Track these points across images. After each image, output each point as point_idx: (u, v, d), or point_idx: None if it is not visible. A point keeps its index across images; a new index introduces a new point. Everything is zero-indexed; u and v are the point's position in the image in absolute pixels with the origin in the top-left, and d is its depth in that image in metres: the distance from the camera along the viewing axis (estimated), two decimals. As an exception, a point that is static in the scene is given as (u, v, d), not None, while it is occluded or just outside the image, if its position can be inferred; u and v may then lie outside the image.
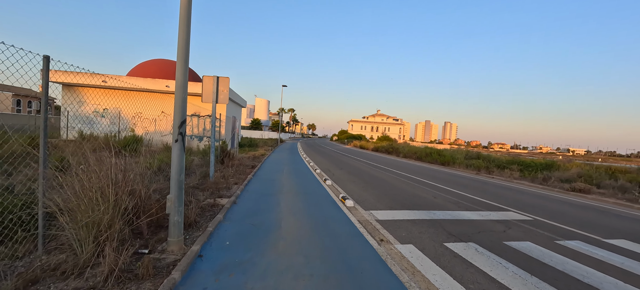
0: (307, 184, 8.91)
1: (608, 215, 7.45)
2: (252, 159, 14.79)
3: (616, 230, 5.94)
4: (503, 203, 7.94)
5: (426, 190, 9.05)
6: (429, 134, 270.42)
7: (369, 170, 13.98)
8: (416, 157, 24.26)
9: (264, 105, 74.30)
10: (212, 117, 6.71)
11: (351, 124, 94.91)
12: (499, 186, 11.58)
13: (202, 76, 6.79)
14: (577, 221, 6.49)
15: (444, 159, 20.33)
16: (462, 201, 7.77)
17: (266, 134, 53.57)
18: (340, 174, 11.54)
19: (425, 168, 17.34)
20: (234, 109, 21.54)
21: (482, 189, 10.28)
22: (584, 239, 5.19)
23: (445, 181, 11.69)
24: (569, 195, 10.63)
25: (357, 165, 15.81)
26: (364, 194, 7.87)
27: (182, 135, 3.43)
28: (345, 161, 18.20)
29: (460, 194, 8.94)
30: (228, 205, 5.47)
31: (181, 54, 3.38)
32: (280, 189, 7.81)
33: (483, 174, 15.91)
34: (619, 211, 8.23)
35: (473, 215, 6.34)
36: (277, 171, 11.31)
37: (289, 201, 6.43)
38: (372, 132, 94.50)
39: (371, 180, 10.42)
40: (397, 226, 5.13)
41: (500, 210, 7.05)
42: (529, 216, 6.61)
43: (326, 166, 14.25)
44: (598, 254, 4.45)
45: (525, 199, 9.03)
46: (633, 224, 6.66)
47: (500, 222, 5.89)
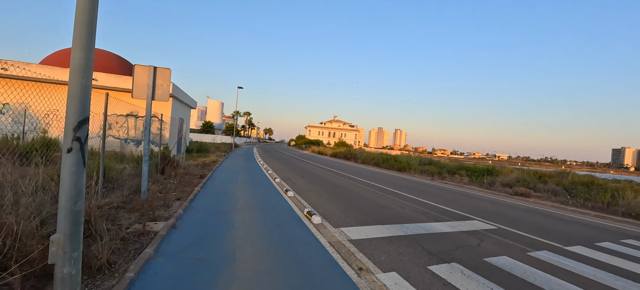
0: (266, 196, 7.87)
1: (554, 220, 7.98)
2: (202, 166, 13.07)
3: (570, 236, 6.22)
4: (465, 211, 7.99)
5: (392, 200, 8.75)
6: (381, 140, 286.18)
7: (331, 178, 13.42)
8: (374, 163, 24.70)
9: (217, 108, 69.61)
10: (146, 116, 5.32)
11: (309, 129, 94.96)
12: (455, 192, 12.01)
13: (134, 65, 5.37)
14: (534, 228, 6.71)
15: (401, 165, 20.96)
16: (428, 211, 7.58)
17: (219, 138, 50.00)
18: (302, 183, 10.70)
19: (384, 175, 17.50)
20: (182, 109, 19.22)
21: (442, 196, 10.45)
22: (550, 248, 5.23)
23: (407, 188, 11.70)
24: (513, 199, 11.46)
25: (318, 173, 15.15)
26: (331, 206, 7.17)
27: (81, 141, 2.25)
28: (305, 168, 17.42)
29: (424, 202, 8.84)
30: (164, 231, 4.21)
31: (82, 15, 2.21)
32: (234, 204, 6.65)
33: (437, 179, 16.63)
34: (559, 214, 8.96)
35: (444, 226, 6.08)
36: (230, 181, 9.98)
37: (245, 220, 5.37)
38: (329, 137, 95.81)
39: (335, 190, 9.80)
40: (374, 247, 4.50)
41: (466, 219, 6.99)
42: (493, 224, 6.64)
43: (286, 174, 13.28)
44: (569, 266, 4.41)
45: (482, 205, 9.34)
46: (579, 228, 7.16)
47: (471, 234, 5.71)
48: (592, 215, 9.19)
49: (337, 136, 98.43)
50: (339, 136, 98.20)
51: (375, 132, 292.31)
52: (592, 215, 9.18)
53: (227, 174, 11.95)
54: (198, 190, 7.66)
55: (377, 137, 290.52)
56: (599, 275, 4.12)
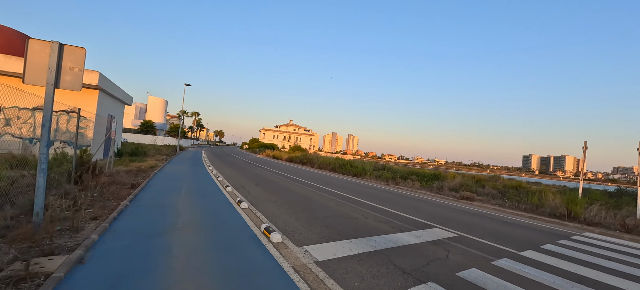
0: (216, 209, 6.77)
1: (500, 223, 8.53)
2: (135, 173, 11.08)
3: (519, 240, 6.57)
4: (425, 217, 8.03)
5: (354, 208, 8.40)
6: (335, 145, 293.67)
7: (288, 184, 12.64)
8: (330, 168, 24.59)
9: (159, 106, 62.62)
10: (45, 110, 3.91)
11: (263, 133, 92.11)
12: (410, 198, 12.31)
13: (28, 39, 3.94)
14: (487, 233, 6.96)
15: (357, 170, 21.18)
16: (391, 219, 7.38)
17: (162, 140, 44.83)
18: (257, 192, 9.72)
19: (342, 180, 17.35)
20: (113, 105, 16.38)
21: (400, 202, 10.53)
22: (507, 254, 5.34)
23: (367, 195, 11.57)
24: (461, 203, 12.21)
25: (274, 179, 14.21)
26: (291, 219, 6.44)
27: None
28: (259, 174, 16.27)
29: (385, 209, 8.70)
30: (62, 271, 3.00)
31: None
32: (174, 221, 5.47)
33: (391, 184, 17.09)
34: (502, 217, 9.69)
35: (409, 237, 5.86)
36: (171, 191, 8.51)
37: (187, 245, 4.32)
38: (284, 141, 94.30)
39: (294, 199, 9.08)
40: (344, 269, 3.94)
41: (428, 227, 6.95)
42: (453, 231, 6.70)
43: (239, 181, 12.06)
44: (531, 274, 4.46)
45: (437, 210, 9.61)
46: (522, 231, 7.69)
47: (437, 245, 5.57)
48: (526, 217, 10.17)
49: (293, 140, 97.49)
50: (294, 140, 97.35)
51: (329, 137, 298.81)
52: (526, 217, 10.16)
53: (168, 182, 10.29)
54: (126, 205, 6.19)
55: (331, 142, 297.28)
56: (559, 282, 4.21)
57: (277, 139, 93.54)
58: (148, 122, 47.95)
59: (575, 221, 9.65)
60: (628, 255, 6.12)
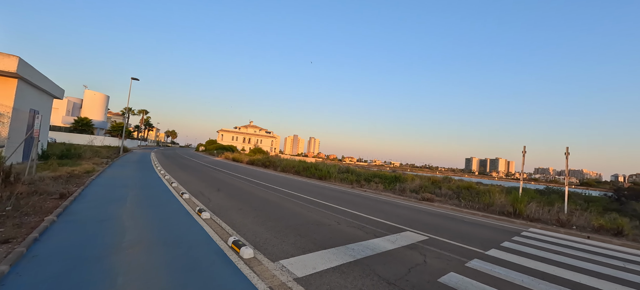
0: (171, 221, 5.89)
1: (462, 223, 9.00)
2: (66, 180, 9.32)
3: (482, 240, 6.93)
4: (395, 220, 8.10)
5: (325, 214, 8.11)
6: (296, 148, 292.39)
7: (253, 189, 11.88)
8: (294, 171, 24.09)
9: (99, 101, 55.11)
10: None
11: (221, 134, 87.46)
12: (376, 200, 12.48)
13: None
14: (454, 234, 7.24)
15: (321, 173, 21.04)
16: (363, 224, 7.26)
17: (101, 140, 39.46)
18: (219, 199, 8.86)
19: (307, 184, 17.01)
20: (37, 98, 13.75)
21: (368, 205, 10.56)
22: (477, 255, 5.54)
23: (335, 199, 11.40)
24: (422, 204, 12.76)
25: (236, 184, 13.27)
26: (261, 229, 5.88)
27: None
28: (220, 178, 15.10)
29: (355, 214, 8.58)
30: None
31: None
32: (119, 240, 4.55)
33: (356, 187, 17.27)
34: (462, 217, 10.29)
35: (385, 243, 5.76)
36: (114, 201, 7.26)
37: (136, 269, 3.55)
38: (244, 143, 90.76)
39: (262, 206, 8.46)
40: (327, 285, 3.59)
41: (399, 230, 6.97)
42: (424, 234, 6.81)
43: (197, 187, 10.95)
44: (501, 273, 4.63)
45: (404, 212, 9.82)
46: (482, 230, 8.19)
47: (413, 249, 5.55)
48: (480, 216, 10.99)
49: (253, 142, 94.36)
50: (254, 142, 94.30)
51: (291, 139, 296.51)
52: (481, 216, 10.98)
53: (110, 189, 8.83)
54: (53, 221, 5.01)
55: (292, 144, 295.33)
56: (526, 281, 4.42)
57: (236, 140, 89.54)
58: (84, 119, 41.82)
59: (520, 218, 10.71)
60: (572, 249, 6.85)
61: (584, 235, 8.78)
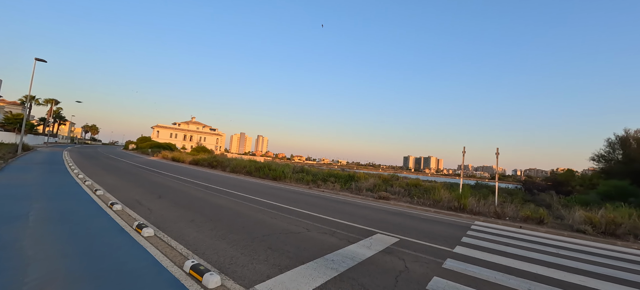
0: (100, 244, 4.55)
1: (422, 221, 9.35)
2: None
3: (445, 237, 7.20)
4: (363, 222, 7.94)
5: (291, 220, 7.49)
6: (243, 146, 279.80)
7: (203, 194, 10.49)
8: (246, 172, 22.60)
9: (-17, 87, 43.13)
10: None
11: (157, 130, 78.10)
12: (338, 201, 12.31)
13: None
14: (420, 233, 7.39)
15: (276, 174, 20.14)
16: (334, 229, 6.89)
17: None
18: (162, 208, 7.45)
19: (263, 186, 16.00)
20: None
21: (331, 207, 10.27)
22: (448, 254, 5.64)
23: (295, 202, 10.81)
24: (380, 203, 13.09)
25: (181, 188, 11.59)
26: (223, 245, 4.98)
27: None
28: (160, 182, 13.05)
29: (322, 217, 8.17)
30: None
31: None
32: (19, 278, 3.21)
33: (314, 188, 16.95)
34: (419, 214, 10.77)
35: (363, 249, 5.46)
36: (7, 220, 5.37)
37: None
38: (185, 141, 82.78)
39: (217, 214, 7.39)
40: (320, 313, 3.04)
41: (370, 233, 6.79)
42: (394, 236, 6.76)
43: (131, 194, 9.12)
44: (475, 272, 4.73)
45: (369, 213, 9.80)
46: (441, 227, 8.60)
47: (391, 254, 5.37)
48: (432, 212, 11.73)
49: (195, 140, 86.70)
50: (197, 140, 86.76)
51: (237, 137, 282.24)
52: (433, 211, 11.72)
53: (1, 203, 6.61)
54: None
55: (239, 143, 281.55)
56: (499, 277, 4.59)
57: (175, 138, 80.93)
58: (-40, 108, 32.18)
59: (464, 212, 11.76)
60: (517, 240, 7.62)
61: (517, 225, 10.02)
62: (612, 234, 9.25)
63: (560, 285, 4.55)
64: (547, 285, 4.46)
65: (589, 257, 6.50)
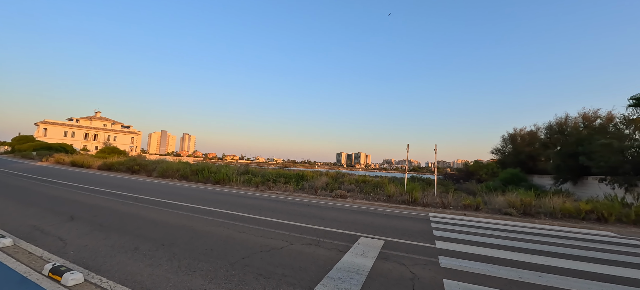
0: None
1: (390, 218, 9.45)
2: None
3: (418, 233, 7.33)
4: (340, 226, 7.48)
5: (265, 232, 6.46)
6: (165, 146, 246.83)
7: (135, 210, 8.32)
8: (180, 176, 19.57)
9: None
10: None
11: (45, 128, 61.74)
12: (298, 203, 11.56)
13: None
14: (396, 231, 7.35)
15: (219, 176, 18.00)
16: (317, 238, 6.21)
17: None
18: (80, 235, 5.42)
19: (206, 191, 13.97)
20: None
21: (298, 212, 9.51)
22: (436, 252, 5.66)
23: (255, 208, 9.64)
24: (338, 201, 12.92)
25: (99, 203, 8.97)
26: (196, 280, 3.76)
27: None
28: (63, 196, 9.88)
29: (294, 225, 7.37)
30: None
31: None
32: None
33: (265, 190, 15.73)
34: (382, 211, 10.94)
35: (360, 259, 4.98)
36: None
37: None
38: (87, 141, 67.94)
39: (168, 235, 5.80)
40: None
41: (354, 238, 6.37)
42: (378, 237, 6.51)
43: (20, 218, 6.46)
44: (468, 267, 4.79)
45: (339, 215, 9.39)
46: (411, 223, 8.81)
47: (389, 260, 5.04)
48: (390, 206, 12.17)
49: (102, 139, 71.96)
50: (104, 139, 72.16)
51: (157, 136, 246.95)
52: (390, 206, 12.17)
53: None
54: None
55: (160, 142, 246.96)
56: (491, 269, 4.74)
57: (73, 137, 65.28)
58: None
59: (416, 204, 12.61)
60: (476, 228, 8.35)
61: (461, 213, 11.20)
62: (529, 214, 11.23)
63: (548, 270, 4.98)
64: (534, 272, 4.81)
65: (544, 239, 7.54)
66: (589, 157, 17.00)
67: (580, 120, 20.38)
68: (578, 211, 10.81)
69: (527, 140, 27.64)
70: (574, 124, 20.29)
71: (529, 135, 27.57)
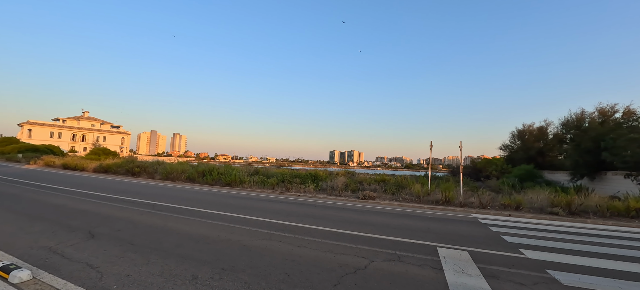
0: None
1: (439, 222, 8.59)
2: None
3: (487, 239, 6.50)
4: (401, 234, 6.57)
5: (331, 246, 5.49)
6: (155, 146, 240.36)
7: (162, 222, 7.20)
8: (187, 178, 18.28)
9: None
10: None
11: (29, 128, 58.59)
12: (331, 207, 10.60)
13: None
14: (465, 239, 6.50)
15: (230, 178, 16.82)
16: (392, 251, 5.29)
17: None
18: (110, 259, 4.33)
19: (222, 195, 12.86)
20: None
21: (340, 218, 8.56)
22: (548, 266, 4.83)
23: (293, 215, 8.64)
24: (368, 203, 12.02)
25: (114, 213, 7.79)
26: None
27: None
28: (68, 206, 8.62)
29: (353, 234, 6.43)
30: None
31: None
32: None
33: (284, 192, 14.69)
34: (420, 213, 10.09)
35: (465, 278, 4.09)
36: None
37: None
38: (75, 142, 64.98)
39: (218, 256, 4.77)
40: None
41: (432, 249, 5.48)
42: (459, 248, 5.63)
43: (27, 237, 5.28)
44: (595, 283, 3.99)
45: (386, 220, 8.49)
46: (462, 227, 7.99)
47: (496, 279, 4.16)
48: (425, 208, 11.36)
49: (90, 140, 68.96)
50: (93, 140, 69.18)
51: (147, 136, 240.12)
52: (426, 208, 11.36)
53: None
54: None
55: (149, 142, 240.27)
56: (608, 284, 3.94)
57: (60, 138, 62.17)
58: None
59: (451, 205, 11.84)
60: (554, 233, 7.58)
61: (505, 214, 10.49)
62: (575, 213, 10.60)
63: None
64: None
65: (627, 242, 6.82)
66: (612, 153, 16.66)
67: (596, 115, 20.11)
68: (627, 209, 10.26)
69: (536, 136, 27.43)
70: (591, 119, 20.00)
71: (539, 130, 27.35)
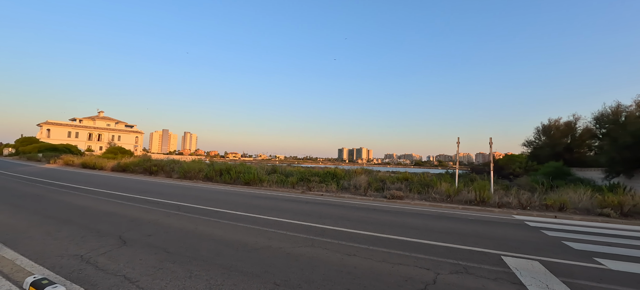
0: None
1: (480, 224, 7.92)
2: None
3: (556, 246, 5.84)
4: (459, 241, 5.97)
5: (385, 255, 4.95)
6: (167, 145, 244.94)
7: (192, 226, 6.81)
8: (204, 177, 18.07)
9: None
10: None
11: (48, 128, 60.23)
12: (362, 208, 10.05)
13: None
14: (525, 245, 5.84)
15: (249, 177, 16.48)
16: (455, 261, 4.70)
17: None
18: (155, 272, 3.91)
19: (244, 195, 12.49)
20: None
21: (376, 221, 8.00)
22: (618, 277, 4.16)
23: (326, 217, 8.14)
24: (397, 203, 11.40)
25: (142, 216, 7.46)
26: None
27: None
28: (92, 207, 8.36)
29: (400, 240, 5.87)
30: None
31: None
32: None
33: (306, 191, 14.22)
34: (456, 214, 9.42)
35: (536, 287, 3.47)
36: None
37: None
38: (91, 141, 66.48)
39: (264, 266, 4.29)
40: None
41: (495, 259, 4.87)
42: (530, 258, 4.99)
43: (54, 244, 4.94)
44: None
45: (426, 223, 7.89)
46: (506, 230, 7.31)
47: None
48: (459, 208, 10.66)
49: (106, 139, 70.44)
50: (108, 139, 70.65)
51: (159, 135, 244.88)
52: (460, 208, 10.66)
53: None
54: None
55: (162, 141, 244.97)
56: None
57: (77, 137, 63.73)
58: None
59: (487, 205, 11.09)
60: (611, 236, 6.84)
61: (550, 215, 9.70)
62: (628, 215, 9.71)
63: None
64: None
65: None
66: (658, 149, 15.45)
67: (634, 108, 18.77)
68: (689, 211, 9.30)
69: (564, 131, 26.03)
70: (629, 112, 18.68)
71: (566, 125, 25.95)
